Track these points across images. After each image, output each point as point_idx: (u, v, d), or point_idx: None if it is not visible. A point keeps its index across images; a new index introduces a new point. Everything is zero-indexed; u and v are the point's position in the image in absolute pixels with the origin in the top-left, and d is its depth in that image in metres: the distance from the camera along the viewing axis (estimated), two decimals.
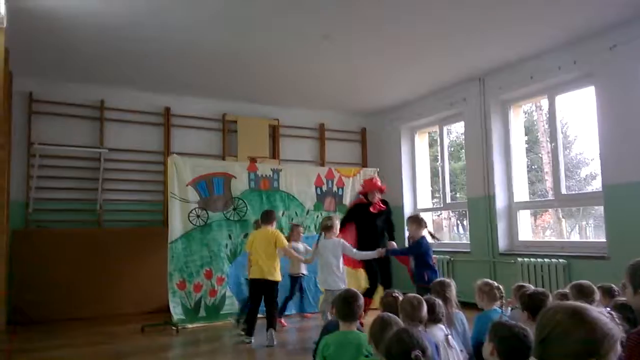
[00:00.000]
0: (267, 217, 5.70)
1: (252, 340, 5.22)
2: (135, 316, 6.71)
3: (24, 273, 6.51)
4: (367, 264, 6.21)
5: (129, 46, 6.06)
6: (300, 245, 6.42)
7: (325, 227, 5.38)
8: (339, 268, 5.23)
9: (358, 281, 6.47)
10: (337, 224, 5.52)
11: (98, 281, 6.89)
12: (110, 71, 6.98)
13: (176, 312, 6.17)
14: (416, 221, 5.50)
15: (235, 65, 6.84)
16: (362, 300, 3.16)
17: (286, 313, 6.53)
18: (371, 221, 6.45)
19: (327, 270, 5.21)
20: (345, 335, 2.95)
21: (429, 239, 5.50)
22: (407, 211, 8.97)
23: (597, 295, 3.57)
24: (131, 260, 7.11)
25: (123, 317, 6.76)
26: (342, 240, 5.43)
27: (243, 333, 5.30)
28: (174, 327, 5.99)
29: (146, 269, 7.04)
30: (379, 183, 6.92)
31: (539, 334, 1.47)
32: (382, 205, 6.62)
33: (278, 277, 5.44)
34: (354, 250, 5.50)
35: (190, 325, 6.15)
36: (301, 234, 6.65)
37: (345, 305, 3.03)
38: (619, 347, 1.40)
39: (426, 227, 5.59)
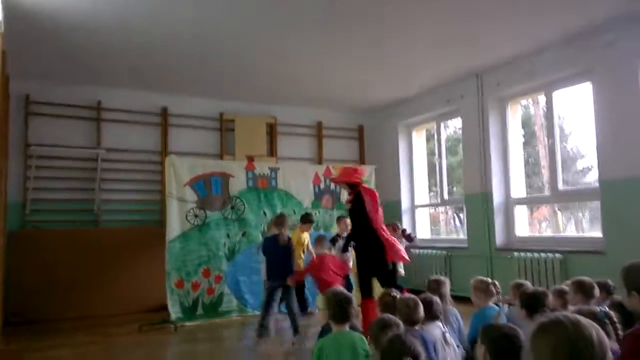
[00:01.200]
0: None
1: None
2: (133, 315, 6.71)
3: (21, 274, 6.50)
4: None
5: (124, 47, 6.05)
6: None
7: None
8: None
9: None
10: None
11: (96, 281, 6.90)
12: (106, 72, 6.97)
13: (174, 311, 6.20)
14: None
15: (232, 64, 6.83)
16: (353, 303, 3.18)
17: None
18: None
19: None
20: (339, 337, 2.97)
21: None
22: (405, 207, 9.01)
23: (597, 291, 3.59)
24: (129, 260, 7.12)
25: (121, 316, 6.77)
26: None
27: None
28: (172, 325, 6.02)
29: (144, 268, 7.05)
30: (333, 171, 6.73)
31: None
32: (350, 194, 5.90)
33: None
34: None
35: (188, 323, 6.18)
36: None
37: (338, 307, 3.04)
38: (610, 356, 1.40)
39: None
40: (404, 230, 7.03)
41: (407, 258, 5.39)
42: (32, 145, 6.99)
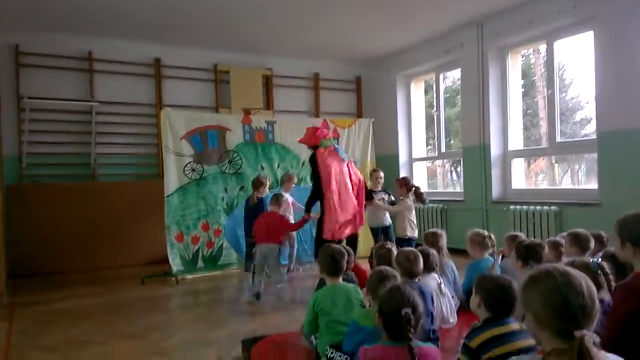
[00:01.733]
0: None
1: None
2: (135, 268, 6.85)
3: (21, 227, 6.57)
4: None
5: None
6: (289, 196, 6.27)
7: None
8: None
9: None
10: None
11: (96, 234, 6.97)
12: (97, 21, 6.75)
13: (175, 264, 6.30)
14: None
15: (226, 13, 6.62)
16: (347, 256, 3.24)
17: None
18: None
19: None
20: (333, 289, 3.04)
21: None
22: (403, 160, 9.01)
23: (592, 243, 3.65)
24: (128, 213, 7.16)
25: (122, 268, 6.90)
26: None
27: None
28: (173, 278, 6.13)
29: (144, 221, 7.11)
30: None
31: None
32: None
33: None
34: None
35: (189, 276, 6.29)
36: (292, 185, 6.56)
37: (332, 262, 3.11)
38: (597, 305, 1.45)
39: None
40: (416, 188, 5.93)
41: (343, 234, 5.09)
42: (25, 97, 6.87)
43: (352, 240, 5.17)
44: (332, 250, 3.20)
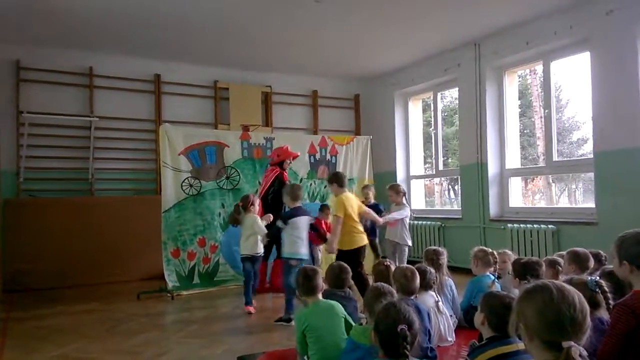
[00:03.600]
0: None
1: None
2: (130, 283, 6.80)
3: (17, 242, 6.54)
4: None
5: (116, 11, 5.91)
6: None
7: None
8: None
9: None
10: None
11: (93, 249, 6.92)
12: (98, 37, 6.82)
13: (171, 280, 6.25)
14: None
15: (226, 31, 6.70)
16: (320, 275, 3.25)
17: None
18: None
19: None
20: (315, 306, 3.03)
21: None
22: (400, 177, 9.02)
23: (592, 262, 3.63)
24: (125, 228, 7.12)
25: (118, 284, 6.84)
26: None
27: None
28: (169, 294, 6.08)
29: (140, 237, 7.07)
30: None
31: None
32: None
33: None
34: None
35: (185, 292, 6.24)
36: None
37: (307, 281, 3.12)
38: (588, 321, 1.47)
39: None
40: (404, 193, 6.12)
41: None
42: (24, 112, 6.90)
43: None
44: (305, 269, 3.24)
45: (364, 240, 5.01)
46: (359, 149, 7.98)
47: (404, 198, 6.00)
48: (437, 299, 3.70)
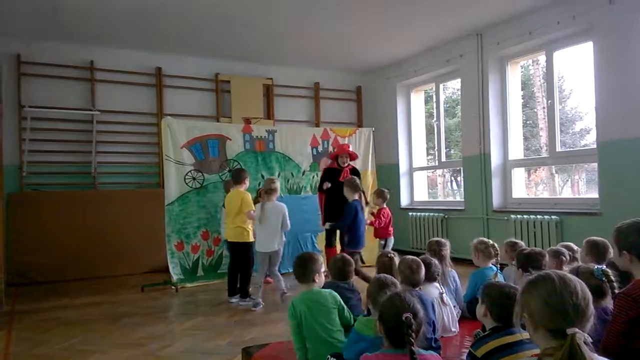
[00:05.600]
0: (237, 177, 5.53)
1: (234, 301, 5.37)
2: (134, 276, 6.84)
3: (21, 236, 6.57)
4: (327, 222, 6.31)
5: (117, 3, 5.89)
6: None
7: (269, 190, 5.36)
8: (279, 230, 5.30)
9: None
10: (279, 188, 5.54)
11: (96, 242, 6.95)
12: (98, 30, 6.80)
13: (175, 272, 6.29)
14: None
15: (227, 23, 6.67)
16: (318, 262, 3.18)
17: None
18: (339, 189, 5.99)
19: (272, 232, 5.24)
20: (308, 294, 3.03)
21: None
22: (403, 169, 9.02)
23: (611, 253, 3.59)
24: (129, 222, 7.15)
25: (122, 277, 6.87)
26: (284, 206, 5.38)
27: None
28: (173, 287, 6.11)
29: (144, 230, 7.10)
30: (351, 149, 6.79)
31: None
32: (349, 175, 6.33)
33: (247, 238, 5.38)
34: (288, 223, 5.38)
35: (189, 285, 6.27)
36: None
37: (301, 268, 3.10)
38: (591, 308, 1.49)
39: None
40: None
41: None
42: (26, 106, 6.90)
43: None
44: (300, 256, 3.22)
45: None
46: (362, 141, 7.96)
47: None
48: (441, 290, 3.71)
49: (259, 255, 5.35)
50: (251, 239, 5.42)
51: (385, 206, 6.36)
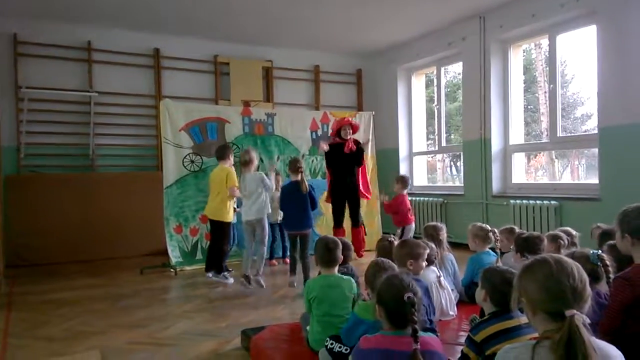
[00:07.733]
0: (220, 153, 5.55)
1: (209, 275, 5.53)
2: (133, 259, 6.85)
3: (19, 217, 6.56)
4: (334, 199, 6.58)
5: None
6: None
7: (245, 162, 5.37)
8: (261, 198, 5.26)
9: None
10: (255, 158, 5.49)
11: (95, 224, 6.95)
12: (96, 10, 6.71)
13: (174, 255, 6.30)
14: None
15: (227, 4, 6.58)
16: (341, 247, 3.20)
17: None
18: (344, 162, 6.50)
19: (252, 200, 5.24)
20: (326, 279, 3.03)
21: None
22: (403, 154, 8.99)
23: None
24: (127, 205, 7.14)
25: (121, 259, 6.89)
26: (262, 174, 5.41)
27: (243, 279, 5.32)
28: (172, 270, 6.12)
29: (142, 213, 7.09)
30: (352, 120, 6.97)
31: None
32: (354, 145, 6.62)
33: (226, 217, 5.42)
34: (268, 182, 5.32)
35: (188, 268, 6.29)
36: (279, 182, 6.35)
37: (327, 252, 3.10)
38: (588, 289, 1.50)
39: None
40: None
41: None
42: (23, 87, 6.84)
43: None
44: (327, 240, 3.20)
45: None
46: (362, 125, 7.91)
47: None
48: (438, 274, 3.71)
49: (244, 226, 5.34)
50: (230, 219, 5.48)
51: (405, 192, 6.33)
